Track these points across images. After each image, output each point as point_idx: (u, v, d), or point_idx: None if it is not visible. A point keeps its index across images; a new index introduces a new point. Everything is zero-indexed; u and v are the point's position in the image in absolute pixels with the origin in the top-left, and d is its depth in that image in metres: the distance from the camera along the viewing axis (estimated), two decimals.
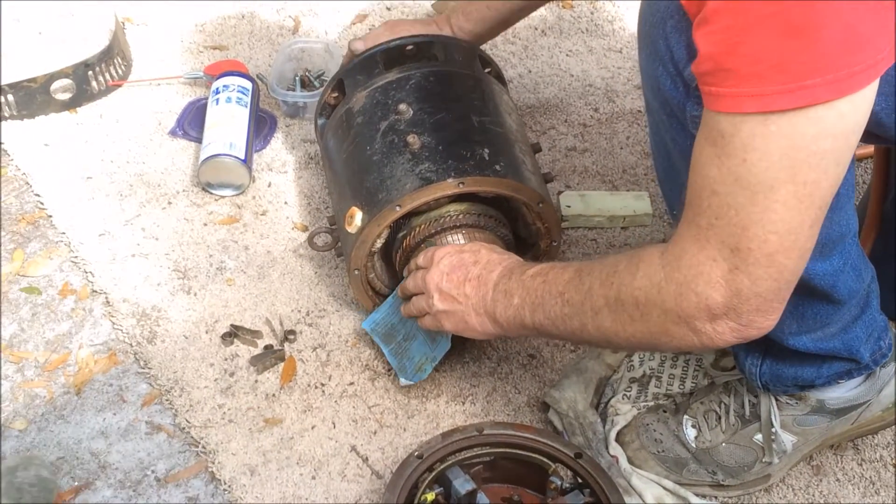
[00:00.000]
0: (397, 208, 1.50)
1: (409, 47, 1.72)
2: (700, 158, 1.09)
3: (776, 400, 1.44)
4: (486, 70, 1.76)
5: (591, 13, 2.34)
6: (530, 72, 2.18)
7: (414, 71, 1.64)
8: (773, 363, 1.38)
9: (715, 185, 1.07)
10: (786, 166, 1.03)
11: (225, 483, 1.47)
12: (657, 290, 1.15)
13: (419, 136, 1.54)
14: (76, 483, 1.47)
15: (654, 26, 1.19)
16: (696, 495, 1.47)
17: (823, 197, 1.06)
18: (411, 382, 1.56)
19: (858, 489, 1.50)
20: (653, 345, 1.22)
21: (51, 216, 1.83)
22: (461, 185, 1.49)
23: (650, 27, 1.21)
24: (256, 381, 1.60)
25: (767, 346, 1.37)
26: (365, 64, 1.71)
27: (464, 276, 1.40)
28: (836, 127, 1.02)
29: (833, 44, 0.97)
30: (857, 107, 1.02)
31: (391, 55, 1.71)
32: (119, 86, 2.08)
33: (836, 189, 1.07)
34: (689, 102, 1.17)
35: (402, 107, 1.58)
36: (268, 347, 1.64)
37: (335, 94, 1.74)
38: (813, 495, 1.49)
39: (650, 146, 1.42)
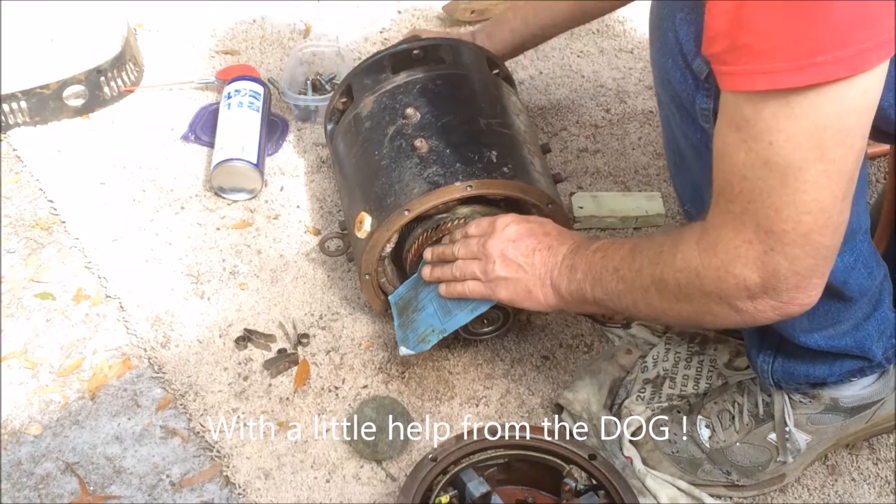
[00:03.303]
0: (406, 213, 1.50)
1: (416, 51, 1.72)
2: (725, 145, 1.09)
3: (790, 398, 1.43)
4: (494, 72, 1.76)
5: None
6: (541, 73, 2.18)
7: (421, 74, 1.64)
8: (785, 360, 1.38)
9: (744, 170, 1.07)
10: (813, 146, 1.03)
11: (240, 487, 1.48)
12: (695, 274, 1.16)
13: (427, 139, 1.54)
14: (92, 488, 1.47)
15: (664, 19, 1.19)
16: (711, 496, 1.46)
17: (851, 171, 1.06)
18: (412, 352, 1.53)
19: (874, 488, 1.49)
20: (699, 322, 1.25)
21: (64, 222, 1.84)
22: (469, 188, 1.49)
23: (660, 20, 1.21)
24: (270, 385, 1.60)
25: (779, 344, 1.37)
26: (372, 68, 1.71)
27: (534, 244, 1.39)
28: (858, 102, 1.01)
29: (844, 20, 0.97)
30: (875, 83, 1.01)
31: (399, 59, 1.71)
32: (131, 91, 2.09)
33: (861, 159, 1.07)
34: (699, 95, 1.17)
35: (410, 111, 1.58)
36: (281, 351, 1.64)
37: (343, 100, 1.75)
38: (828, 495, 1.48)
39: (663, 141, 1.42)
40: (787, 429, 1.43)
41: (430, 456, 1.37)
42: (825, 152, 1.03)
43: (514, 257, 1.40)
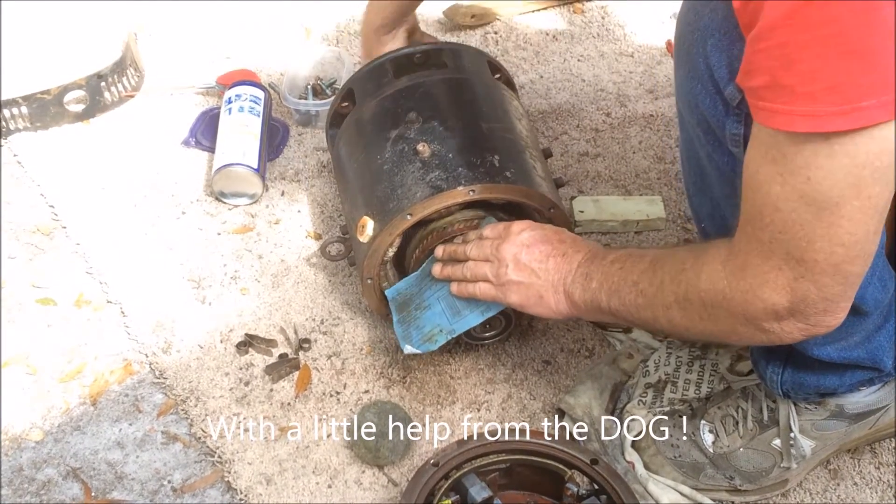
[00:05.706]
0: (408, 217, 1.50)
1: (418, 55, 1.72)
2: (758, 174, 1.08)
3: (795, 405, 1.43)
4: (496, 76, 1.76)
5: (602, 18, 2.34)
6: (542, 77, 2.18)
7: (423, 79, 1.64)
8: (795, 372, 1.38)
9: (778, 202, 1.07)
10: (850, 183, 1.03)
11: (241, 492, 1.47)
12: (722, 296, 1.16)
13: (429, 144, 1.54)
14: (94, 494, 1.47)
15: (694, 44, 1.19)
16: (713, 500, 1.46)
17: (885, 205, 1.07)
18: (417, 351, 1.52)
19: (876, 493, 1.49)
20: (724, 340, 1.27)
21: (65, 227, 1.84)
22: (472, 193, 1.49)
23: (689, 45, 1.20)
24: (272, 390, 1.60)
25: (789, 355, 1.36)
26: (374, 73, 1.71)
27: (549, 250, 1.39)
28: None
29: (889, 66, 0.96)
30: None
31: (400, 63, 1.71)
32: (132, 97, 2.09)
33: (893, 192, 1.07)
34: (729, 120, 1.17)
35: (412, 115, 1.58)
36: (282, 356, 1.64)
37: (345, 104, 1.75)
38: (830, 499, 1.48)
39: (680, 160, 1.42)
40: (792, 435, 1.43)
41: (432, 461, 1.37)
42: (862, 190, 1.03)
43: (527, 262, 1.39)
